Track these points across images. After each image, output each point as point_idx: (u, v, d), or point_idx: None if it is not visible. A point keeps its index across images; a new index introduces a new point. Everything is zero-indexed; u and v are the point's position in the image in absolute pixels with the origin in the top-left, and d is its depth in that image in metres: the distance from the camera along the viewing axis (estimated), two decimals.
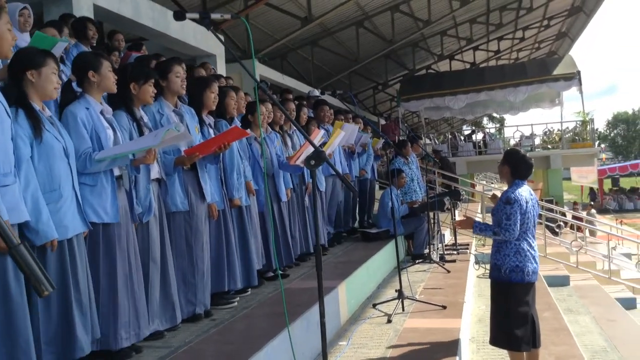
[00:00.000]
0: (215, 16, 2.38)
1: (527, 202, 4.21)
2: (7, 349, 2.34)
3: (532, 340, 4.17)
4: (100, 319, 3.06)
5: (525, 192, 4.25)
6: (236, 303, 4.33)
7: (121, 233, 3.18)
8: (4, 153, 2.42)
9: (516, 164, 4.31)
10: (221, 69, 11.12)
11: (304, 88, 15.82)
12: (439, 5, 17.97)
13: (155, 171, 3.57)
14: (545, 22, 23.51)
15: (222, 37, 2.73)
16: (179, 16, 2.43)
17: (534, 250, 4.25)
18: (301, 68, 18.17)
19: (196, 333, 3.62)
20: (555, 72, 18.66)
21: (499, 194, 4.47)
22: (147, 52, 7.12)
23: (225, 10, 12.53)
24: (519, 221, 4.14)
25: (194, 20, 2.57)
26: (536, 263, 4.23)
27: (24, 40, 4.21)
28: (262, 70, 13.91)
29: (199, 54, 10.55)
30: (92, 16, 7.42)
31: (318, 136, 5.00)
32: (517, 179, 4.30)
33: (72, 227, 2.76)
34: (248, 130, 4.10)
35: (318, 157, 2.32)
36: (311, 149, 5.33)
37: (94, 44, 5.45)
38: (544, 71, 19.04)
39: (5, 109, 2.50)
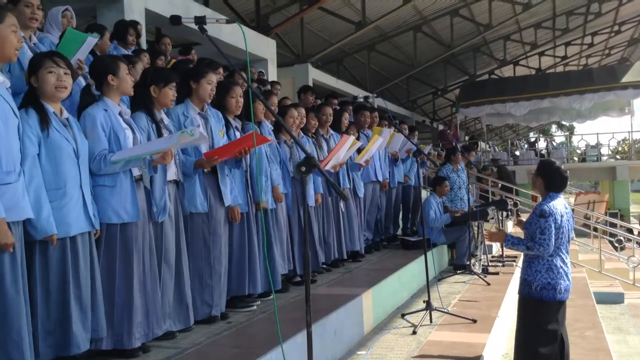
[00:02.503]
0: (210, 21, 2.40)
1: (561, 216, 4.02)
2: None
3: None
4: (115, 319, 3.13)
5: (560, 205, 4.06)
6: (255, 307, 4.32)
7: (138, 233, 3.24)
8: (8, 151, 2.50)
9: (551, 176, 4.13)
10: (272, 73, 11.21)
11: (359, 93, 15.75)
12: (501, 10, 17.53)
13: (173, 172, 3.60)
14: (615, 28, 22.52)
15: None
16: (175, 21, 2.47)
17: (567, 267, 4.05)
18: (357, 73, 18.12)
19: (207, 335, 3.64)
20: (623, 80, 17.80)
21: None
22: (197, 57, 7.25)
23: (281, 16, 12.67)
24: (553, 235, 3.97)
25: (200, 22, 2.58)
26: (569, 280, 4.03)
27: None
28: (315, 75, 13.93)
29: (250, 58, 10.67)
30: (143, 20, 7.64)
31: (347, 142, 4.93)
32: (552, 192, 4.11)
33: (75, 226, 2.83)
34: (271, 137, 4.07)
35: (308, 163, 2.28)
36: (341, 155, 5.33)
37: (136, 49, 5.58)
38: (611, 78, 18.18)
39: (13, 110, 2.59)
